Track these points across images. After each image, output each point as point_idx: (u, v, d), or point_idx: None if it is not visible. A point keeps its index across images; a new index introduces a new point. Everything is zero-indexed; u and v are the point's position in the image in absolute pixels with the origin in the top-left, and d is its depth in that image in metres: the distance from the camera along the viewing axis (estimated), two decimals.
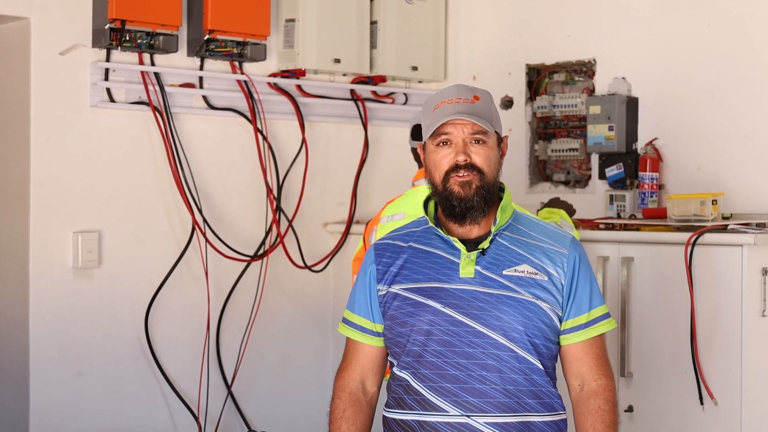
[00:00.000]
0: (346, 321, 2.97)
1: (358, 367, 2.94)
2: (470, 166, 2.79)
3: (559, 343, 2.84)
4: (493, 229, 2.83)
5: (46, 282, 4.45)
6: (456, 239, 2.83)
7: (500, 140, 2.89)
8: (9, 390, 4.56)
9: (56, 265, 4.47)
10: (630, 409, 4.27)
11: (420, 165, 4.20)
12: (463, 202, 2.80)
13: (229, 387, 4.95)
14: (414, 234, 2.92)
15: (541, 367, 2.79)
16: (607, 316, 2.87)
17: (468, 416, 2.74)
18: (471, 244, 2.83)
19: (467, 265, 2.79)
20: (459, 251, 2.82)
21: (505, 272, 2.79)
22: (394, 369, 2.86)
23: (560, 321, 2.82)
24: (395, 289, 2.85)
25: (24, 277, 4.44)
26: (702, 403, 4.07)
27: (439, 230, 2.85)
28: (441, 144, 2.82)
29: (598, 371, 2.84)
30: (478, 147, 2.81)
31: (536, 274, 2.80)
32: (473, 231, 2.85)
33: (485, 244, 2.81)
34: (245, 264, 4.95)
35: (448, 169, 2.80)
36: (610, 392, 2.83)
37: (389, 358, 2.91)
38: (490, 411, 2.74)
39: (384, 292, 2.87)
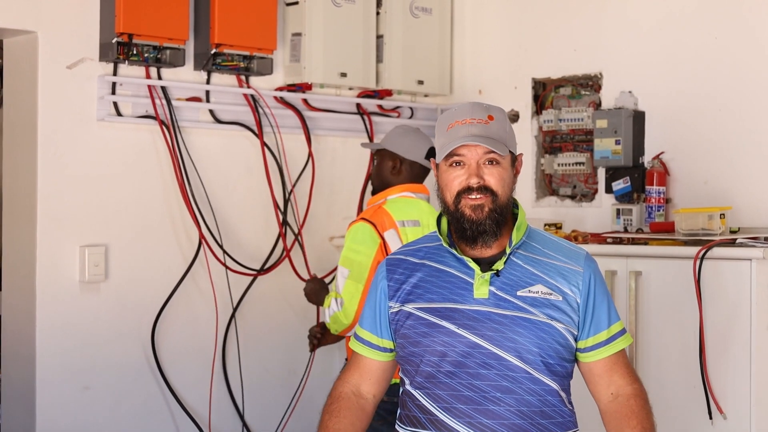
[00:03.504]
0: (355, 336, 2.96)
1: (355, 374, 2.93)
2: (484, 188, 2.75)
3: (574, 361, 2.82)
4: (507, 250, 2.79)
5: (52, 296, 4.44)
6: (470, 259, 2.79)
7: (515, 158, 2.85)
8: (15, 404, 4.55)
9: (63, 278, 4.47)
10: None
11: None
12: (475, 225, 2.76)
13: (235, 401, 4.94)
14: (427, 250, 2.88)
15: (555, 387, 2.76)
16: (624, 331, 2.86)
17: None
18: (485, 263, 2.80)
19: (481, 286, 2.76)
20: (473, 271, 2.78)
21: (519, 293, 2.76)
22: (407, 386, 2.84)
23: (575, 340, 2.79)
24: (408, 308, 2.82)
25: (30, 290, 4.43)
26: (711, 417, 4.05)
27: (453, 250, 2.82)
28: (454, 165, 2.78)
29: (630, 377, 2.82)
30: (492, 168, 2.76)
31: (551, 294, 2.76)
32: (487, 250, 2.81)
33: (499, 266, 2.78)
34: (252, 278, 4.95)
35: (460, 190, 2.76)
36: (646, 395, 2.81)
37: (401, 375, 2.89)
38: None
39: (396, 310, 2.84)
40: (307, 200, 5.09)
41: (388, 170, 4.25)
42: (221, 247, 4.85)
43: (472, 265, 2.78)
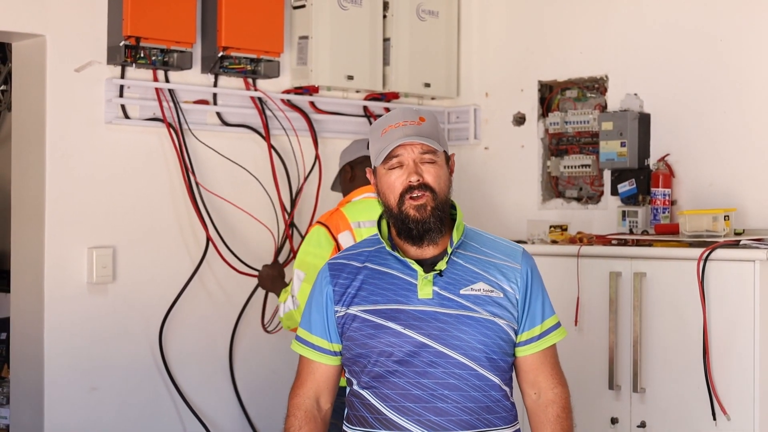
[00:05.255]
0: (301, 340, 2.97)
1: (313, 386, 2.95)
2: (423, 186, 2.83)
3: (514, 355, 2.90)
4: (449, 250, 2.86)
5: (60, 297, 4.47)
6: (412, 261, 2.85)
7: (448, 159, 2.94)
8: (24, 405, 4.58)
9: (71, 280, 4.50)
10: (643, 425, 4.27)
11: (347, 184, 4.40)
12: (420, 224, 2.82)
13: (242, 402, 4.96)
14: (368, 254, 2.94)
15: (498, 382, 2.84)
16: (558, 325, 2.95)
17: None
18: (426, 264, 2.86)
19: (425, 286, 2.83)
20: (416, 272, 2.84)
21: (462, 291, 2.83)
22: (355, 387, 2.89)
23: (516, 334, 2.88)
24: (354, 310, 2.86)
25: (39, 292, 4.46)
26: (714, 418, 4.06)
27: (396, 252, 2.87)
28: (392, 167, 2.85)
29: (553, 380, 2.92)
30: (429, 166, 2.84)
31: (492, 291, 2.84)
32: (428, 251, 2.88)
33: (442, 265, 2.85)
34: None
35: (403, 190, 2.83)
36: (565, 400, 2.92)
37: (347, 376, 2.93)
38: (452, 429, 2.78)
39: (342, 314, 2.88)
40: (314, 202, 5.11)
41: (346, 180, 4.39)
42: (228, 248, 4.87)
43: (415, 266, 2.84)
